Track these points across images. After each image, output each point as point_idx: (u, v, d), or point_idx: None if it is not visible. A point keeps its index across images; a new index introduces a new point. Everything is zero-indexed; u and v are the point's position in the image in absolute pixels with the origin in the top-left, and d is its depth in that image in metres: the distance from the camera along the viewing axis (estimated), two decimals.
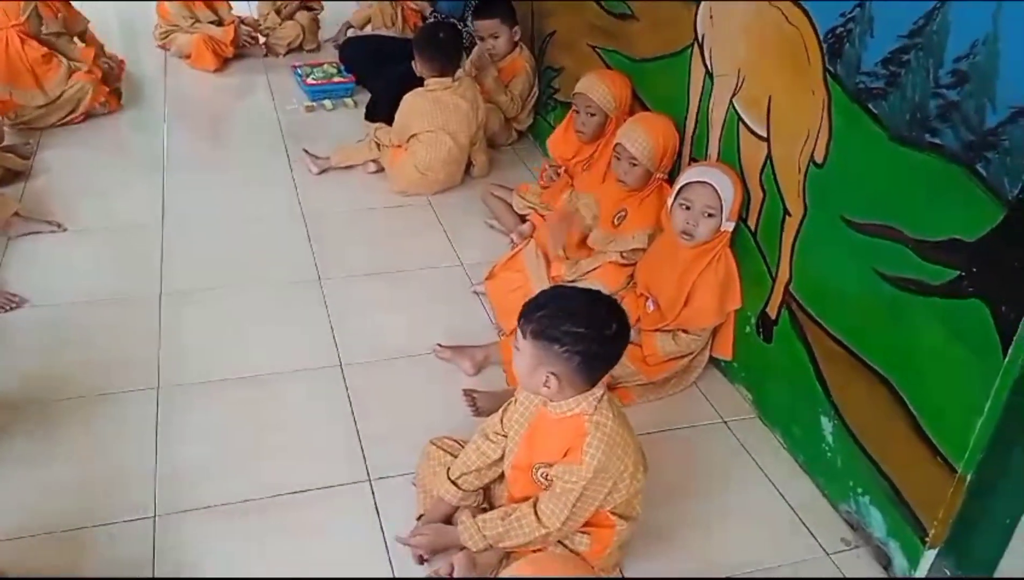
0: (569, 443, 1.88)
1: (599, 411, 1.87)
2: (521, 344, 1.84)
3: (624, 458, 1.89)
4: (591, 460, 1.84)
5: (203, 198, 3.60)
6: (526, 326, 1.81)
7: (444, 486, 2.09)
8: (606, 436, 1.85)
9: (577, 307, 1.82)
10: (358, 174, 3.88)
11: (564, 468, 1.88)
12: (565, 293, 1.98)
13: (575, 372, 1.82)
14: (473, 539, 1.98)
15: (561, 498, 1.88)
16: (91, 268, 3.11)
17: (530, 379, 1.86)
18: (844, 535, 2.28)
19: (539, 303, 1.84)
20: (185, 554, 2.08)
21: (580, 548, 2.00)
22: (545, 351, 1.79)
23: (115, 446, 2.36)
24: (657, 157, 2.84)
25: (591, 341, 1.79)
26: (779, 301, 2.48)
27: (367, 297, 3.08)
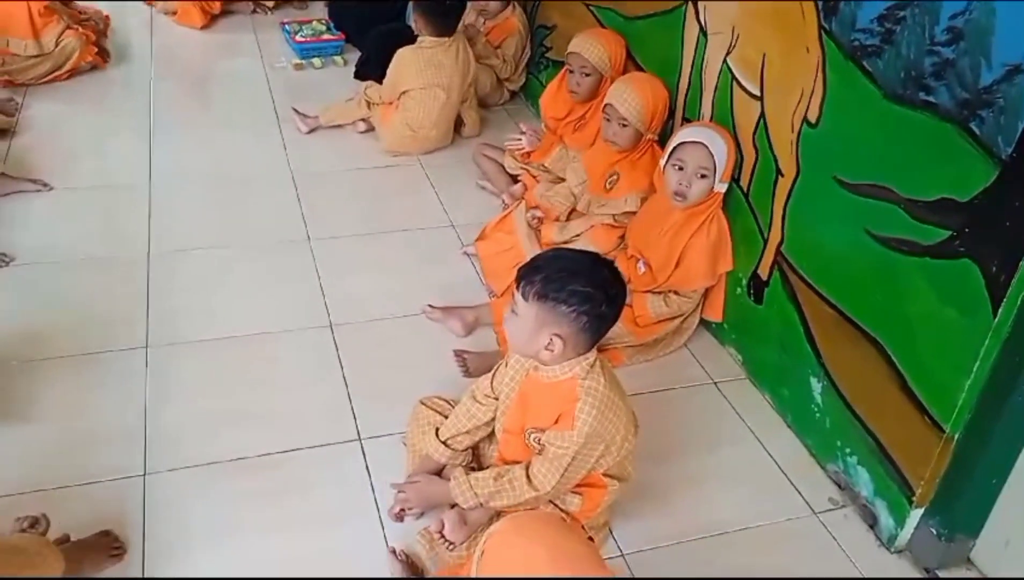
0: (561, 408, 1.87)
1: (591, 376, 1.86)
2: (521, 308, 1.80)
3: (616, 422, 1.88)
4: (582, 426, 1.84)
5: (190, 157, 3.55)
6: (528, 288, 1.78)
7: (433, 445, 2.09)
8: (597, 401, 1.84)
9: (581, 267, 1.80)
10: (348, 133, 3.83)
11: (556, 434, 1.87)
12: (565, 254, 1.95)
13: (580, 333, 1.79)
14: (464, 496, 1.98)
15: (553, 463, 1.89)
16: (77, 227, 3.07)
17: (531, 343, 1.82)
18: (831, 495, 2.30)
19: (538, 265, 1.82)
20: (175, 512, 2.08)
21: (571, 508, 2.01)
22: (551, 313, 1.77)
23: (104, 405, 2.35)
24: (647, 117, 2.81)
25: (598, 301, 1.77)
26: (770, 262, 2.48)
27: (357, 257, 3.07)
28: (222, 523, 2.07)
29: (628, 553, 2.10)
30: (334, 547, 2.03)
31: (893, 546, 2.15)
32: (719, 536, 2.16)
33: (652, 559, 2.08)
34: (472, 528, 1.96)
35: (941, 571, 2.11)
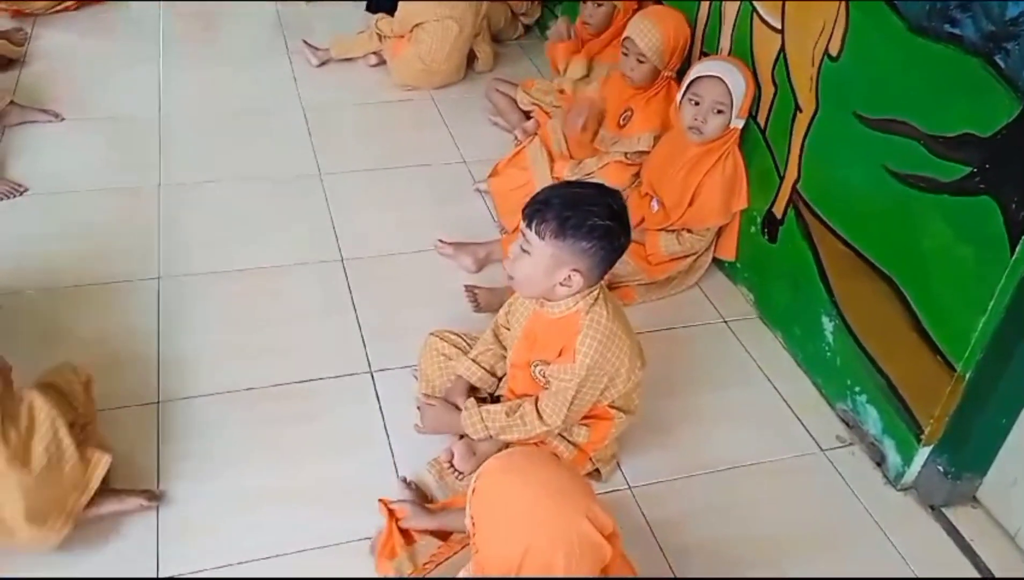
0: (564, 342, 1.87)
1: (594, 309, 1.84)
2: (536, 246, 1.74)
3: (619, 354, 1.87)
4: (584, 358, 1.83)
5: (200, 89, 3.52)
6: (543, 226, 1.72)
7: (464, 364, 2.11)
8: (599, 334, 1.83)
9: (592, 200, 1.75)
10: (359, 67, 3.78)
11: (559, 367, 1.87)
12: (571, 188, 1.89)
13: (597, 266, 1.77)
14: (475, 427, 2.00)
15: (558, 396, 1.89)
16: (89, 158, 3.06)
17: (547, 280, 1.78)
18: (839, 433, 2.31)
19: (548, 201, 1.74)
20: (190, 441, 2.11)
21: (579, 439, 2.02)
22: (570, 249, 1.73)
23: (117, 334, 2.37)
24: (667, 53, 2.75)
25: (615, 232, 1.74)
26: (786, 200, 2.45)
27: (368, 192, 3.05)
28: (234, 451, 2.09)
29: (635, 486, 2.12)
30: (345, 475, 2.06)
31: (899, 484, 2.16)
32: (726, 471, 2.18)
33: (659, 492, 2.11)
34: (481, 459, 1.97)
35: (947, 509, 2.12)
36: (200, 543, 1.88)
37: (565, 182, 1.96)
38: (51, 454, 1.74)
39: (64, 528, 1.75)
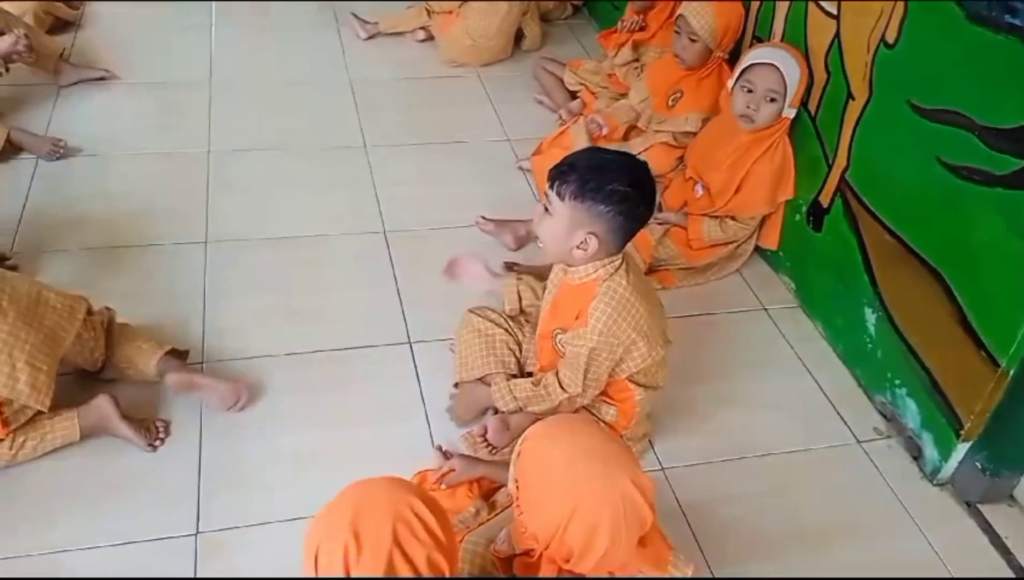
0: (580, 307, 1.88)
1: (613, 278, 1.85)
2: (556, 207, 1.78)
3: (634, 325, 1.86)
4: (596, 322, 1.84)
5: (250, 58, 3.56)
6: (564, 188, 1.75)
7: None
8: (614, 301, 1.84)
9: (617, 166, 1.77)
10: (407, 42, 3.80)
11: (573, 333, 1.89)
12: (599, 153, 1.91)
13: (614, 232, 1.78)
14: (504, 399, 2.02)
15: (571, 362, 1.90)
16: (140, 121, 3.11)
17: (565, 242, 1.81)
18: (877, 425, 2.30)
19: (573, 163, 1.78)
20: None
21: (607, 418, 2.04)
22: (588, 212, 1.75)
23: (163, 294, 2.42)
24: (719, 34, 2.73)
25: (635, 200, 1.75)
26: (833, 189, 2.42)
27: (412, 166, 3.07)
28: (274, 413, 2.13)
29: (668, 467, 2.12)
30: (381, 442, 2.08)
31: (936, 479, 2.14)
32: (760, 458, 2.17)
33: (691, 475, 2.11)
34: (514, 434, 1.99)
35: (983, 506, 2.10)
36: (238, 500, 1.93)
37: (595, 148, 1.97)
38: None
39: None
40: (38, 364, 1.84)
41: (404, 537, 1.15)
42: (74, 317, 1.97)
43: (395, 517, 1.16)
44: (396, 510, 1.17)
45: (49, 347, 1.89)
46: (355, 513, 1.16)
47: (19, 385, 1.81)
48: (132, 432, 1.98)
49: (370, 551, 1.13)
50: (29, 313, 1.87)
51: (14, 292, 1.88)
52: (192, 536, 1.84)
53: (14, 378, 1.81)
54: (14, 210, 2.62)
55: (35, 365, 1.84)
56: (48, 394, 1.87)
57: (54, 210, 2.66)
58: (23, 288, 1.91)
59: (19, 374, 1.81)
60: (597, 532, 1.22)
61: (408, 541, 1.15)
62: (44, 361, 1.86)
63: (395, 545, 1.14)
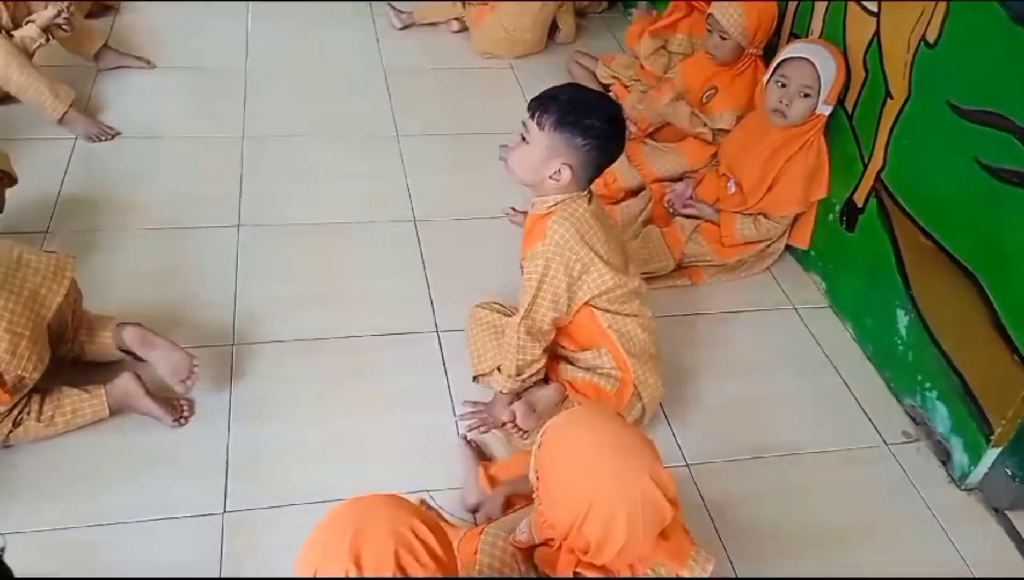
0: (540, 231, 1.92)
1: (576, 201, 1.91)
2: (534, 135, 1.84)
3: (590, 243, 1.90)
4: (552, 235, 1.88)
5: (286, 45, 3.58)
6: (545, 117, 1.81)
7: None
8: (571, 218, 1.89)
9: (596, 103, 1.85)
10: (441, 32, 3.80)
11: (531, 252, 1.93)
12: (580, 89, 1.98)
13: (587, 166, 1.85)
14: (499, 382, 2.06)
15: (528, 282, 1.95)
16: (176, 106, 3.14)
17: (539, 170, 1.87)
18: (906, 428, 2.28)
19: (555, 96, 1.84)
20: (260, 382, 2.18)
21: (607, 366, 2.05)
22: (565, 143, 1.81)
23: (196, 278, 2.44)
24: (750, 31, 2.70)
25: (610, 137, 1.82)
26: (868, 189, 2.40)
27: (443, 157, 3.08)
28: (302, 397, 2.15)
29: (693, 464, 2.12)
30: (407, 430, 2.10)
31: (964, 484, 2.12)
32: (787, 457, 2.16)
33: (716, 472, 2.10)
34: (542, 416, 1.99)
35: (1011, 512, 2.08)
36: (265, 482, 1.95)
37: (575, 84, 2.04)
38: None
39: None
40: (18, 330, 1.81)
41: (407, 561, 1.11)
42: (62, 275, 1.93)
43: (397, 541, 1.11)
44: (398, 533, 1.12)
45: (31, 311, 1.85)
46: (355, 537, 1.11)
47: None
48: (158, 408, 2.00)
49: (372, 575, 1.10)
50: (7, 278, 1.84)
51: None
52: (220, 515, 1.87)
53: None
54: (51, 189, 2.66)
55: (15, 331, 1.81)
56: (32, 360, 1.84)
57: (89, 191, 2.70)
58: (2, 258, 1.87)
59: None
60: (614, 526, 1.23)
61: (411, 565, 1.11)
62: (26, 326, 1.83)
63: (397, 569, 1.10)
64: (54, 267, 1.93)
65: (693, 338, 2.45)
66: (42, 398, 1.93)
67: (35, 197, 2.47)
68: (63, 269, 1.94)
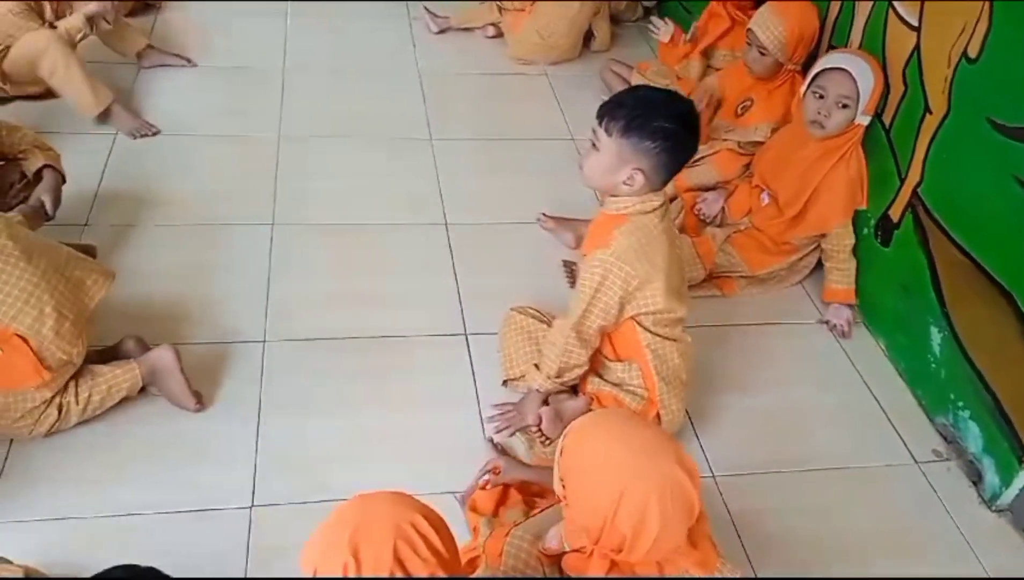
0: (605, 234, 1.90)
1: (648, 215, 1.88)
2: (603, 142, 1.82)
3: (655, 259, 1.88)
4: (617, 245, 1.86)
5: (323, 46, 3.62)
6: (612, 123, 1.79)
7: None
8: (642, 231, 1.87)
9: (663, 104, 1.81)
10: (477, 37, 3.82)
11: (591, 255, 1.91)
12: (646, 89, 1.97)
13: (660, 168, 1.82)
14: (537, 380, 2.06)
15: (583, 286, 1.92)
16: (215, 104, 3.18)
17: (611, 177, 1.84)
18: (936, 447, 2.25)
19: (621, 101, 1.83)
20: (289, 378, 2.20)
21: (634, 382, 2.04)
22: (634, 147, 1.79)
23: (230, 273, 2.47)
24: (789, 47, 2.69)
25: (681, 137, 1.79)
26: (904, 204, 2.38)
27: (476, 161, 3.09)
28: (331, 395, 2.17)
29: (719, 475, 2.11)
30: (434, 431, 2.11)
31: (995, 505, 2.09)
32: (815, 471, 2.15)
33: (743, 484, 2.09)
34: (569, 419, 1.97)
35: None
36: (292, 477, 1.97)
37: (643, 85, 2.03)
38: None
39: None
40: (65, 312, 1.87)
41: (406, 554, 1.12)
42: (108, 274, 2.03)
43: (396, 534, 1.12)
44: (397, 527, 1.13)
45: (76, 297, 1.93)
46: (354, 530, 1.12)
47: (44, 329, 1.84)
48: (187, 389, 2.03)
49: (370, 570, 1.10)
50: (59, 265, 1.91)
51: (45, 248, 1.93)
52: (247, 509, 1.89)
53: (41, 321, 1.84)
54: (91, 183, 2.70)
55: (62, 313, 1.87)
56: (74, 344, 1.90)
57: (128, 185, 2.74)
58: (55, 249, 1.96)
59: (46, 319, 1.84)
60: (648, 513, 1.21)
61: (410, 559, 1.12)
62: (71, 310, 1.90)
63: (396, 563, 1.11)
64: (100, 266, 2.04)
65: (723, 349, 2.44)
66: (76, 382, 1.96)
67: (75, 190, 2.50)
68: (107, 271, 2.05)
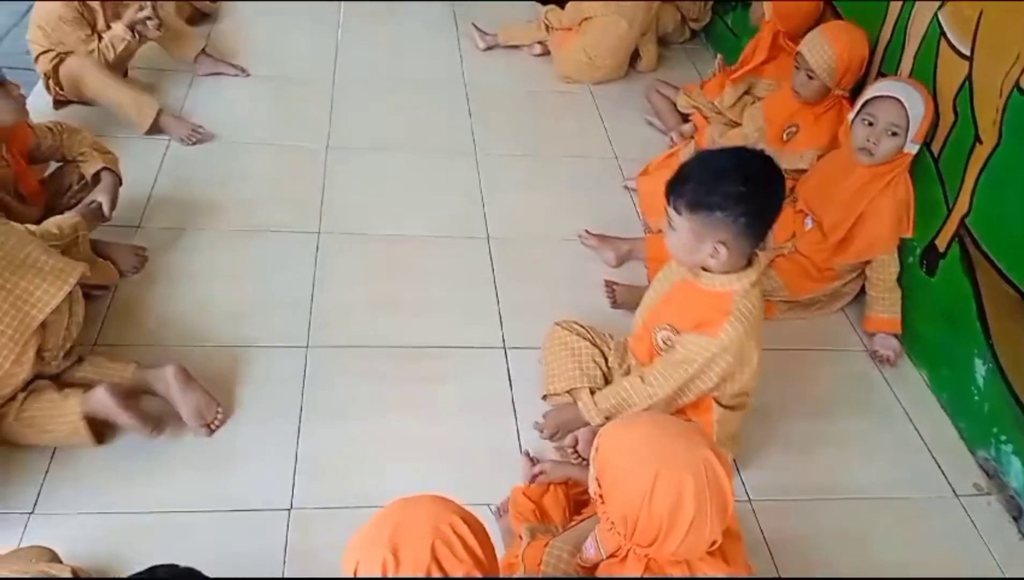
0: (707, 316, 1.84)
1: (748, 297, 1.82)
2: (677, 222, 1.77)
3: (756, 349, 1.85)
4: (726, 338, 1.80)
5: (373, 58, 3.68)
6: (679, 201, 1.74)
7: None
8: (748, 320, 1.81)
9: (726, 166, 1.73)
10: (523, 55, 3.86)
11: (694, 337, 1.85)
12: (709, 156, 1.87)
13: (742, 234, 1.73)
14: (590, 413, 2.03)
15: (680, 366, 1.87)
16: (266, 113, 3.25)
17: (695, 254, 1.79)
18: (977, 480, 2.22)
19: (685, 175, 1.76)
20: (330, 384, 2.23)
21: None
22: (707, 221, 1.72)
23: (275, 279, 2.52)
24: (838, 72, 2.68)
25: (752, 197, 1.70)
26: (951, 234, 2.35)
27: (519, 176, 3.12)
28: (370, 400, 2.20)
29: (756, 500, 2.09)
30: (470, 442, 2.13)
31: None
32: (853, 500, 2.13)
33: (780, 509, 2.07)
34: None
35: None
36: (330, 482, 2.00)
37: (705, 152, 1.96)
38: None
39: None
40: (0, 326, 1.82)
41: (443, 554, 1.14)
42: (63, 281, 1.91)
43: (434, 535, 1.15)
44: (436, 528, 1.16)
45: (18, 310, 1.85)
46: (395, 530, 1.16)
47: None
48: (136, 422, 1.95)
49: (408, 568, 1.13)
50: (6, 276, 1.84)
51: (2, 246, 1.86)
52: (286, 511, 1.92)
53: None
54: (144, 187, 2.77)
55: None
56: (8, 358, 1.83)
57: (179, 190, 2.80)
58: (10, 254, 1.87)
59: None
60: (683, 497, 1.22)
61: (447, 558, 1.14)
62: (9, 323, 1.83)
63: (433, 562, 1.13)
64: (58, 271, 1.92)
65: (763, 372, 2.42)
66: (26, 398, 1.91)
67: (129, 193, 2.56)
68: (67, 275, 1.93)
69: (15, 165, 2.25)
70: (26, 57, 3.05)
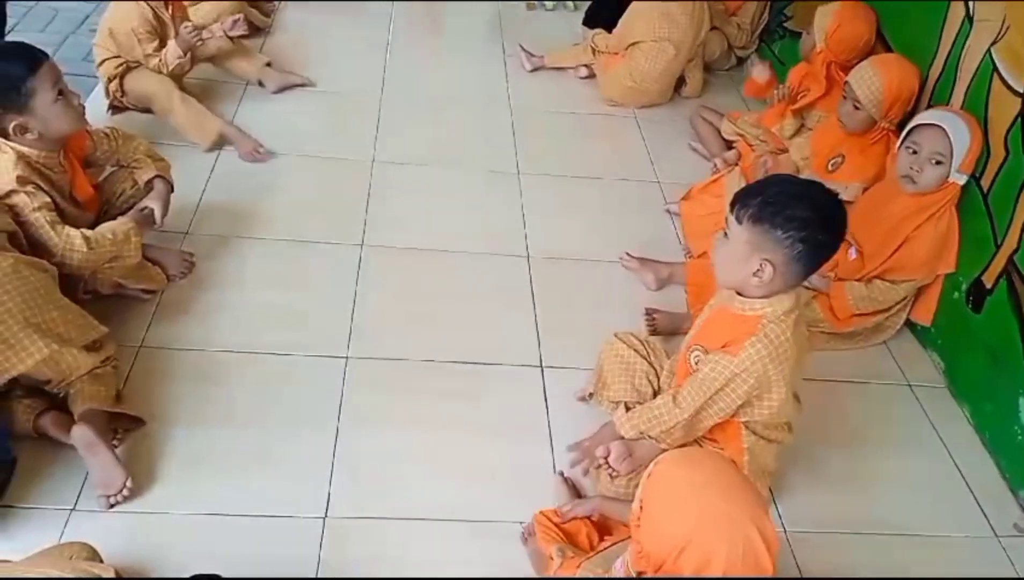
0: (733, 336, 1.82)
1: (780, 323, 1.78)
2: (734, 231, 1.74)
3: (779, 375, 1.80)
4: (745, 356, 1.78)
5: (421, 76, 3.72)
6: (743, 211, 1.71)
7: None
8: (772, 343, 1.77)
9: (800, 192, 1.72)
10: (568, 77, 3.88)
11: (716, 356, 1.83)
12: (786, 179, 1.87)
13: (793, 261, 1.71)
14: (624, 427, 2.02)
15: (703, 385, 1.85)
16: (314, 126, 3.30)
17: (741, 268, 1.75)
18: (1018, 521, 2.17)
19: (757, 189, 1.75)
20: (371, 397, 2.25)
21: None
22: (765, 236, 1.70)
23: (317, 289, 2.55)
24: (885, 104, 2.66)
25: (816, 228, 1.68)
26: (999, 271, 2.32)
27: (561, 198, 3.13)
28: (407, 413, 2.22)
29: (791, 531, 2.07)
30: (504, 460, 2.13)
31: None
32: (890, 536, 2.10)
33: (815, 541, 2.05)
34: (636, 463, 1.97)
35: None
36: (365, 492, 2.01)
37: (780, 175, 1.94)
38: None
39: None
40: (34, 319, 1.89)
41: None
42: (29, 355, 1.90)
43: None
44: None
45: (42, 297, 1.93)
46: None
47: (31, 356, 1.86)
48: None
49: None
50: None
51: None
52: (320, 519, 1.93)
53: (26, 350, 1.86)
54: (195, 194, 2.83)
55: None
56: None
57: (228, 198, 2.85)
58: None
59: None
60: (710, 566, 1.21)
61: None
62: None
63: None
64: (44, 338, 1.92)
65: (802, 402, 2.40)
66: None
67: (179, 200, 2.62)
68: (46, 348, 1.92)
69: (72, 171, 2.30)
70: (83, 63, 3.14)
